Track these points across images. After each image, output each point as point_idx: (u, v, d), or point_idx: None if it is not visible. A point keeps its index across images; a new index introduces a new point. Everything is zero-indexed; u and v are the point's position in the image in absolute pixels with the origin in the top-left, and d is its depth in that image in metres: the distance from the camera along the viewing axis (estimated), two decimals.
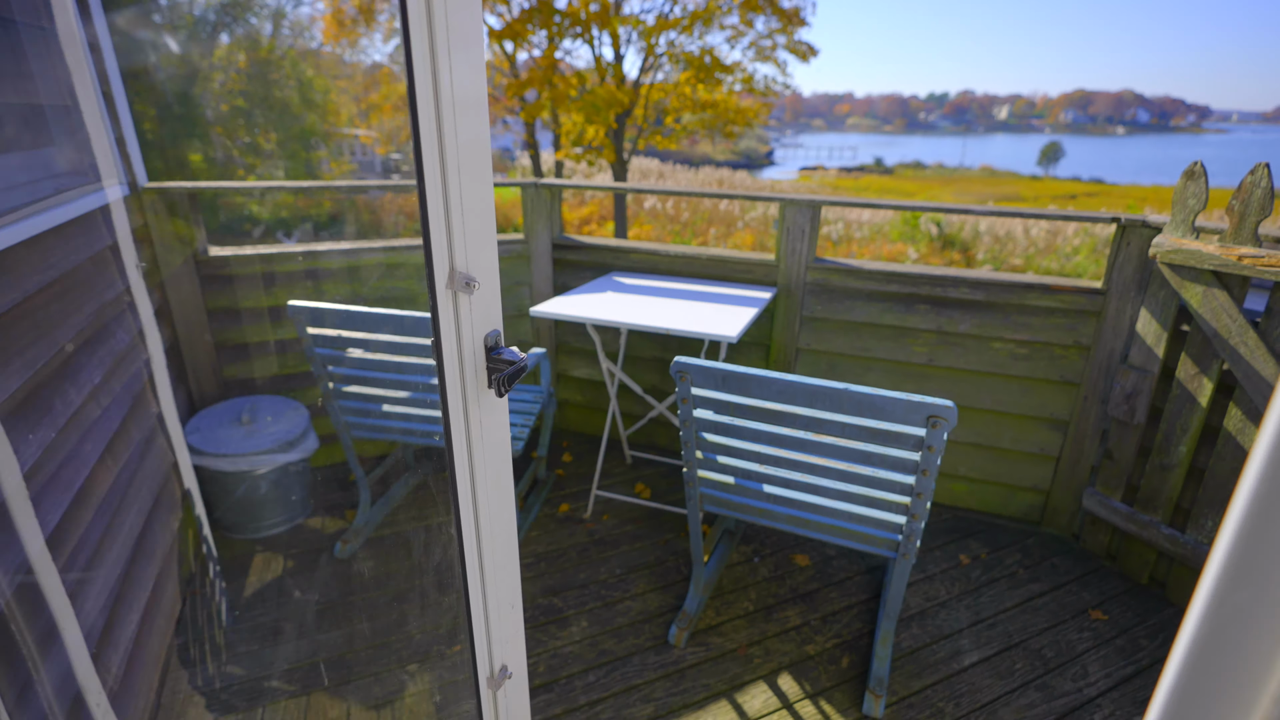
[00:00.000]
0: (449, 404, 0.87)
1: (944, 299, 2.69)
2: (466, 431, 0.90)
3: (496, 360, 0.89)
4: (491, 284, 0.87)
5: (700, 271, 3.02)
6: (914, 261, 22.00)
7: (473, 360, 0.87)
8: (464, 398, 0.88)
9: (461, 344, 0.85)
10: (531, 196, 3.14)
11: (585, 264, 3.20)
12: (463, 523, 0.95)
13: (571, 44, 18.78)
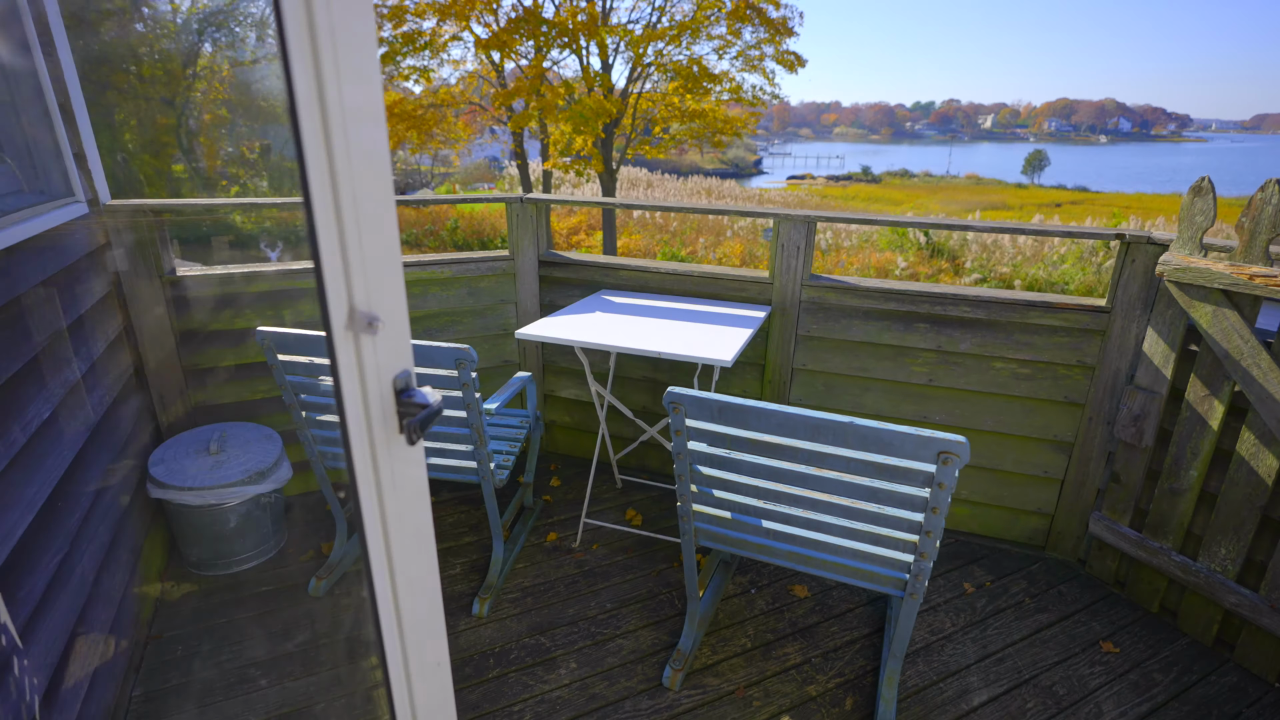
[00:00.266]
0: (354, 457, 0.75)
1: (944, 317, 2.61)
2: (377, 484, 0.79)
3: (408, 404, 0.79)
4: (398, 320, 0.77)
5: (692, 289, 2.92)
6: (903, 270, 22.06)
7: (380, 406, 0.76)
8: (372, 449, 0.77)
9: (366, 389, 0.74)
10: (517, 212, 3.03)
11: (573, 281, 3.10)
12: (376, 583, 0.83)
13: (559, 54, 18.74)
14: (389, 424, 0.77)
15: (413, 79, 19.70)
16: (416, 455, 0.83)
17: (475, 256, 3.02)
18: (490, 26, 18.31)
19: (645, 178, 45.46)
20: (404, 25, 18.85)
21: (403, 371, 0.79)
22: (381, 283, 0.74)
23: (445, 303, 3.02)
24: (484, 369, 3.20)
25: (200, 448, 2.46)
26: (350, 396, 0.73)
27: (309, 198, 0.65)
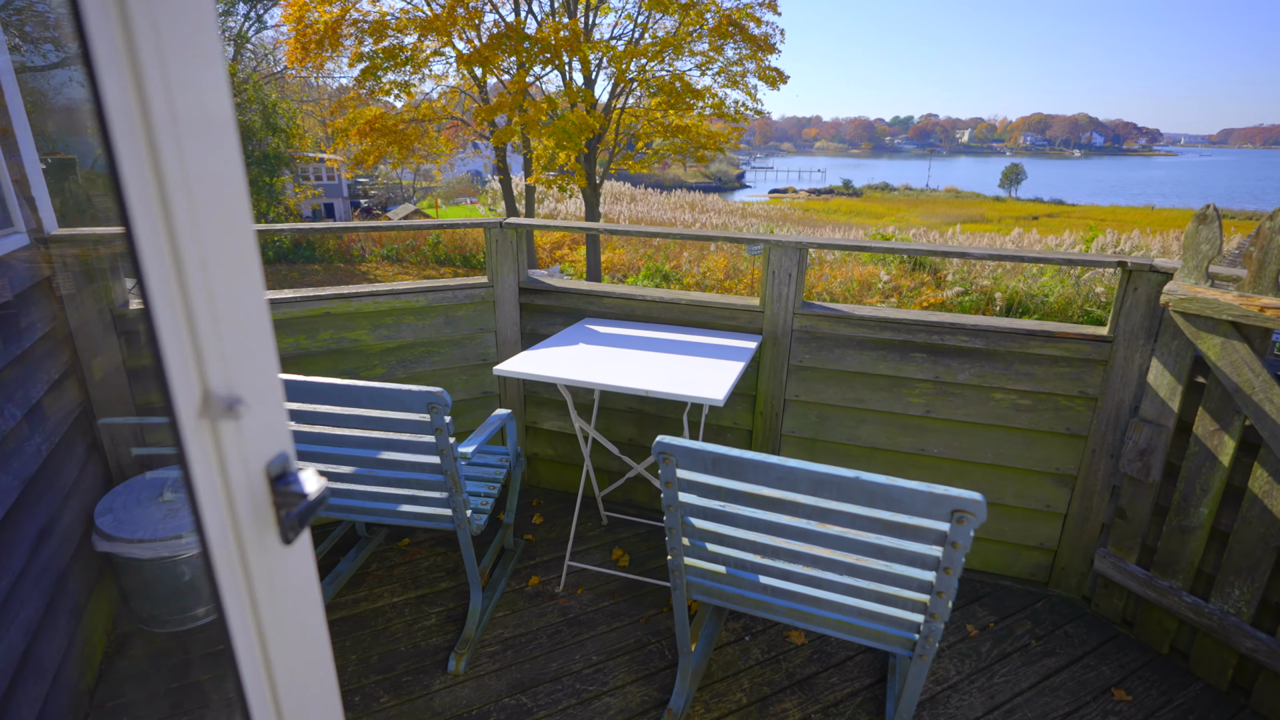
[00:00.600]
0: (216, 569, 0.61)
1: (941, 347, 2.51)
2: (250, 596, 0.64)
3: (285, 494, 0.64)
4: (269, 394, 0.63)
5: (680, 318, 2.81)
6: (886, 283, 22.17)
7: (250, 500, 0.61)
8: (241, 553, 0.62)
9: (230, 485, 0.60)
10: (496, 237, 2.90)
11: (556, 310, 2.97)
12: (250, 703, 0.68)
13: (542, 70, 18.72)
14: (262, 519, 0.63)
15: (394, 94, 19.57)
16: (300, 551, 0.69)
17: (452, 284, 2.89)
18: (472, 42, 18.25)
19: (629, 191, 45.58)
20: (385, 40, 18.75)
21: (278, 455, 0.64)
22: (245, 350, 0.59)
23: (421, 333, 2.88)
24: (463, 401, 3.05)
25: (153, 494, 2.28)
26: (208, 496, 0.58)
27: (134, 244, 0.50)
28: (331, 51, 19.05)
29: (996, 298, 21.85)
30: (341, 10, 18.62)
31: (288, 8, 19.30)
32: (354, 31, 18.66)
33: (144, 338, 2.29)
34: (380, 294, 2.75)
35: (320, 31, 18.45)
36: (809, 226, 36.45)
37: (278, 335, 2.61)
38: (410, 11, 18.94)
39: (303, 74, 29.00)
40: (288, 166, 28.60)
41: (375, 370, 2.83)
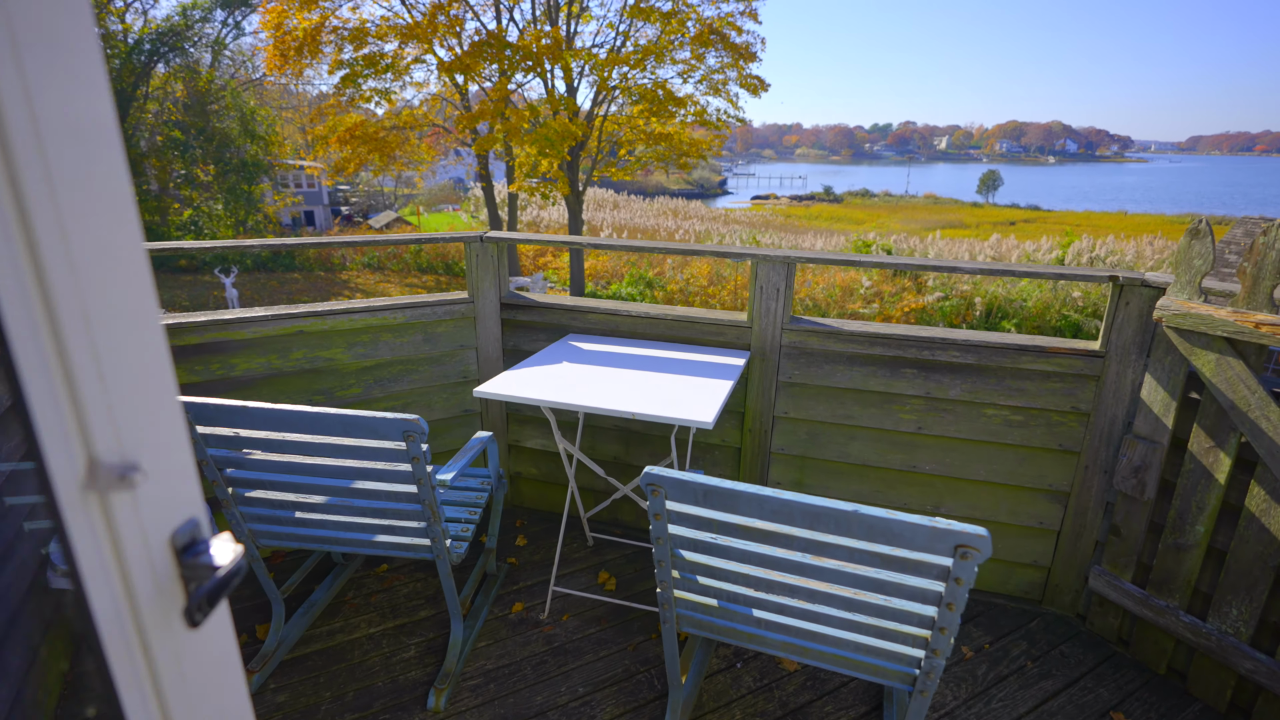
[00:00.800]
0: (109, 657, 0.52)
1: (932, 362, 2.47)
2: (154, 686, 0.55)
3: (194, 566, 0.55)
4: (174, 454, 0.54)
5: (665, 334, 2.74)
6: (866, 289, 22.32)
7: (150, 577, 0.53)
8: (140, 639, 0.53)
9: (126, 561, 0.51)
10: (477, 252, 2.82)
11: (538, 325, 2.89)
12: None
13: (524, 77, 18.65)
14: (167, 599, 0.54)
15: (375, 101, 19.39)
16: (215, 632, 0.60)
17: (431, 300, 2.79)
18: (453, 50, 18.15)
19: (612, 199, 45.60)
20: (365, 47, 18.59)
21: (186, 523, 0.55)
22: (141, 407, 0.51)
23: (398, 350, 2.78)
24: (443, 420, 2.95)
25: None
26: (99, 579, 0.50)
27: None
28: (311, 59, 18.86)
29: (976, 302, 22.10)
30: (321, 17, 18.44)
31: (266, 14, 19.08)
32: (334, 39, 18.48)
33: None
34: (356, 311, 2.65)
35: (299, 39, 18.26)
36: (791, 233, 36.69)
37: (248, 355, 2.51)
38: (391, 19, 18.80)
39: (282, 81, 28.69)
40: (267, 174, 28.22)
41: (351, 390, 2.72)
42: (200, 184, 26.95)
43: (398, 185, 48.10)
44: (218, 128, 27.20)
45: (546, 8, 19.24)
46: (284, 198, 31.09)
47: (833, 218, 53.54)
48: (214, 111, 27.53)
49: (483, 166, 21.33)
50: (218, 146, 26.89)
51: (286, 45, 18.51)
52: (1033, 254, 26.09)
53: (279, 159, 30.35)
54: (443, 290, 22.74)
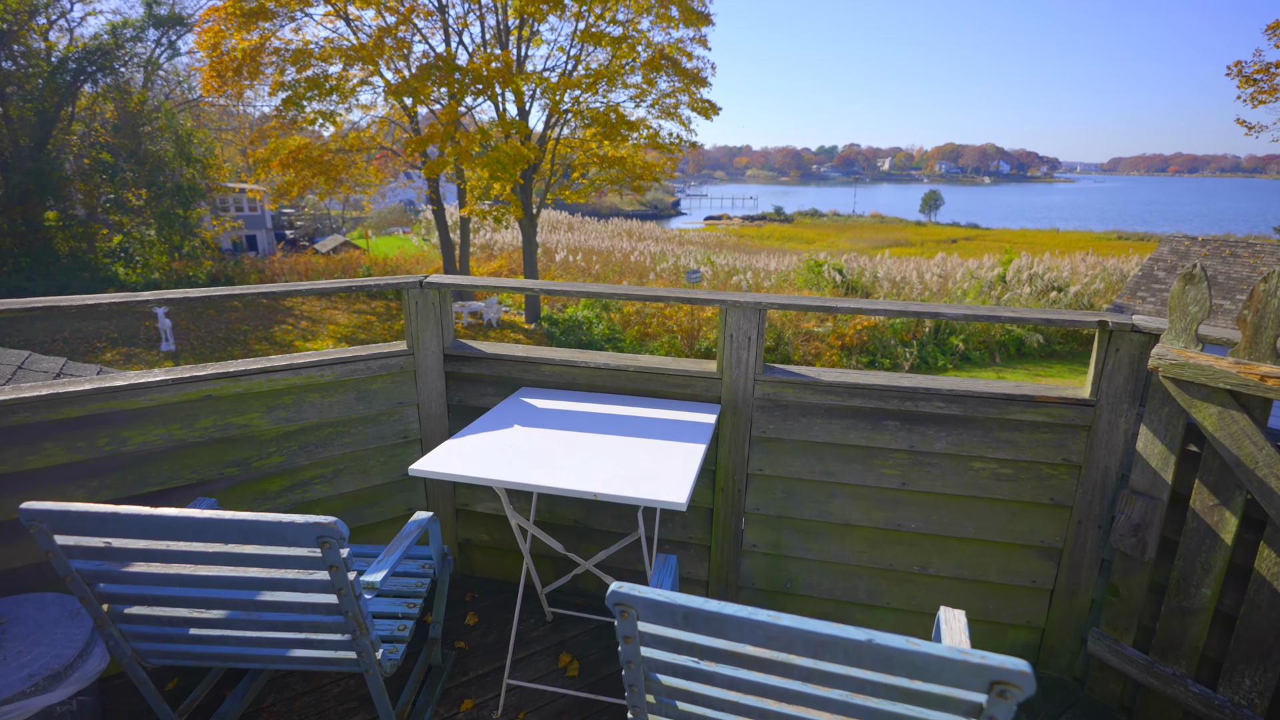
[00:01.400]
0: None
1: (915, 414, 2.30)
2: None
3: None
4: None
5: (628, 386, 2.50)
6: None
7: None
8: None
9: None
10: (416, 299, 2.53)
11: (487, 378, 2.61)
12: None
13: (474, 100, 18.38)
14: None
15: (319, 123, 18.81)
16: None
17: (364, 354, 2.49)
18: (400, 72, 17.77)
19: (566, 220, 45.46)
20: (309, 69, 18.05)
21: None
22: None
23: (327, 412, 2.46)
24: (381, 486, 2.64)
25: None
26: None
27: None
28: (251, 80, 18.21)
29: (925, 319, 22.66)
30: (261, 38, 17.84)
31: (202, 34, 18.37)
32: (275, 60, 17.89)
33: None
34: (276, 370, 2.33)
35: (238, 59, 17.60)
36: (745, 253, 37.13)
37: (144, 427, 2.15)
38: (336, 40, 18.34)
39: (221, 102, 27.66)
40: (204, 198, 27.05)
41: (271, 459, 2.39)
42: (131, 209, 25.62)
43: (345, 208, 46.88)
44: (151, 150, 25.99)
45: (497, 31, 19.08)
46: (223, 222, 29.85)
47: (784, 237, 54.61)
48: (147, 133, 26.32)
49: (433, 190, 20.88)
50: (150, 170, 25.67)
51: (224, 66, 17.84)
52: (976, 271, 27.00)
53: (217, 182, 29.18)
54: (394, 317, 21.97)
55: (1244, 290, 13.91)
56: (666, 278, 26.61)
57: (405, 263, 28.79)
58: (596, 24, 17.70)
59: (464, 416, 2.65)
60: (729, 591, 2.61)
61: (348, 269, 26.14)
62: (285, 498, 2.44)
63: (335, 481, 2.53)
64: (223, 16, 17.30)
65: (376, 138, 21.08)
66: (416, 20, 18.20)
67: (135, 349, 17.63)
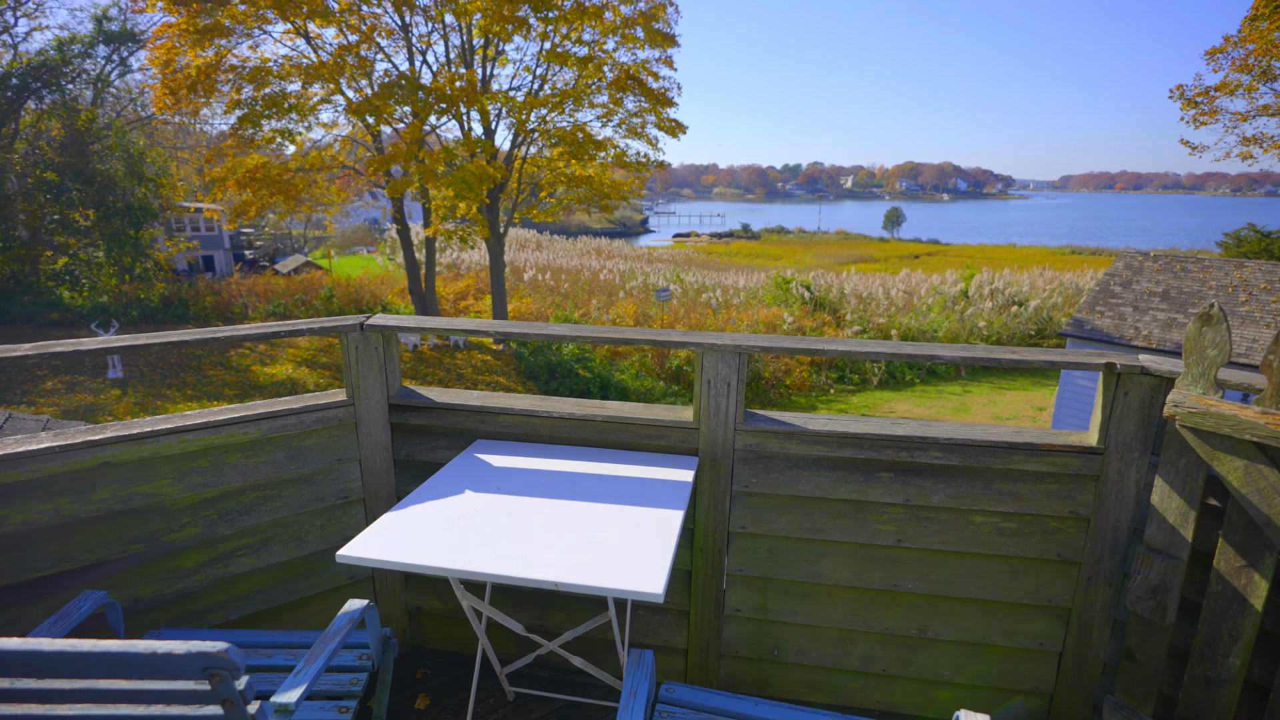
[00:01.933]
0: None
1: (911, 465, 2.10)
2: None
3: None
4: None
5: (595, 438, 2.25)
6: (790, 325, 22.70)
7: None
8: None
9: None
10: (356, 343, 2.26)
11: (437, 430, 2.34)
12: None
13: (438, 119, 18.10)
14: None
15: (278, 142, 18.31)
16: None
17: (296, 407, 2.20)
18: (362, 91, 17.41)
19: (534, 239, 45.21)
20: (267, 87, 17.57)
21: None
22: None
23: (253, 473, 2.16)
24: (318, 554, 2.33)
25: None
26: None
27: None
28: (206, 97, 17.65)
29: (892, 335, 22.94)
30: (216, 56, 17.33)
31: (154, 51, 17.79)
32: (232, 77, 17.37)
33: None
34: (189, 429, 2.03)
35: (192, 77, 17.04)
36: (714, 270, 37.29)
37: (26, 502, 1.83)
38: (295, 58, 17.92)
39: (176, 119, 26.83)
40: (157, 218, 26.08)
41: (185, 531, 2.08)
42: (78, 229, 24.55)
43: (307, 227, 45.87)
44: (100, 169, 25.00)
45: (461, 51, 18.87)
46: (177, 243, 28.85)
47: (752, 254, 55.17)
48: (96, 152, 25.34)
49: (398, 209, 20.45)
50: (100, 189, 24.67)
51: (177, 83, 17.26)
52: (940, 287, 27.50)
53: (171, 201, 28.24)
54: None
55: (1196, 304, 14.31)
56: (636, 295, 26.50)
57: (369, 283, 28.12)
58: (562, 44, 17.63)
59: (413, 472, 2.38)
60: (709, 660, 2.36)
61: (309, 290, 25.41)
62: (202, 574, 2.12)
63: (263, 552, 2.22)
64: (177, 33, 16.76)
65: (339, 156, 20.64)
66: (379, 39, 17.90)
67: (79, 376, 16.77)
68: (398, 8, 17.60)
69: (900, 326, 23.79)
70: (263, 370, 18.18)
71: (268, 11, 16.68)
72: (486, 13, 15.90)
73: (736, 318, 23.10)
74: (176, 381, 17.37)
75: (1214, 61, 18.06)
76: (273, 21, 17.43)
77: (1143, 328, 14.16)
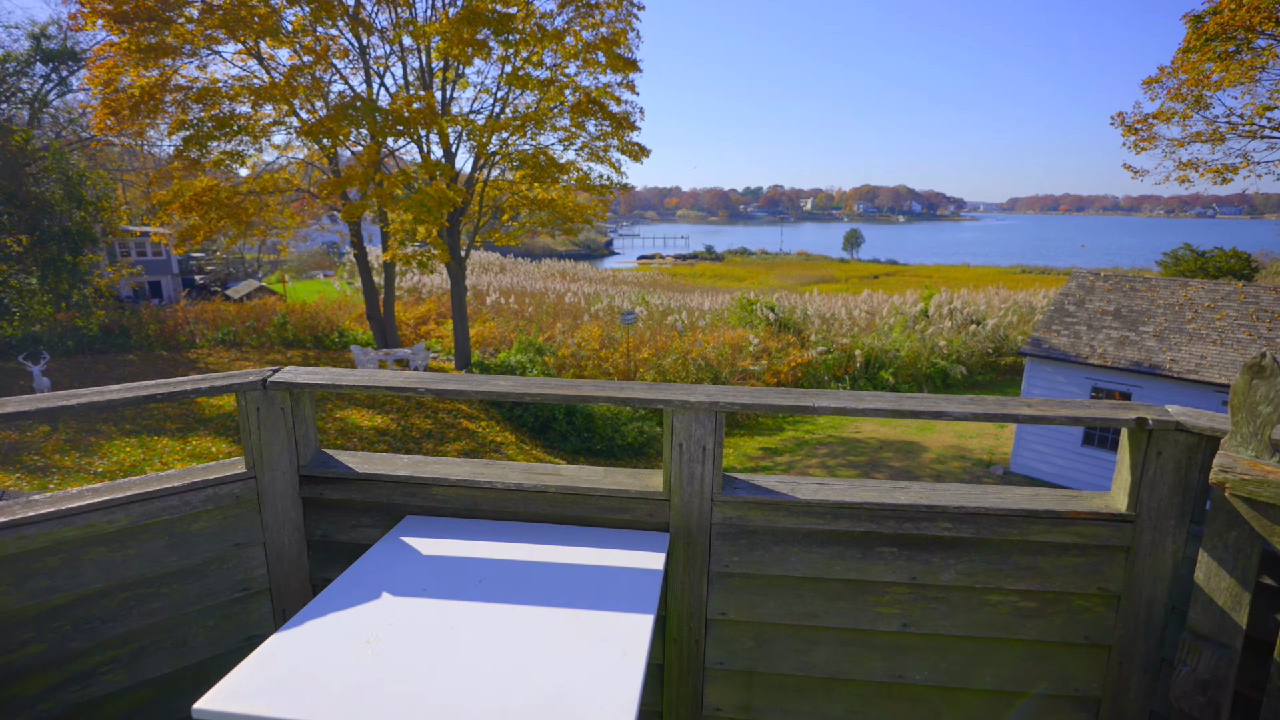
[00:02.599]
0: None
1: (917, 538, 1.81)
2: None
3: None
4: None
5: (548, 512, 1.91)
6: (756, 346, 22.63)
7: None
8: None
9: None
10: (257, 404, 1.87)
11: (359, 505, 1.96)
12: None
13: (395, 142, 17.68)
14: None
15: (227, 164, 17.64)
16: None
17: (178, 485, 1.80)
18: (314, 113, 16.89)
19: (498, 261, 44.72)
20: (216, 108, 16.93)
21: None
22: None
23: (121, 570, 1.75)
24: (210, 660, 1.92)
25: None
26: None
27: None
28: (150, 118, 16.91)
29: (856, 355, 23.07)
30: (161, 76, 16.64)
31: (94, 70, 17.01)
32: (179, 97, 16.68)
33: None
34: (31, 522, 1.61)
35: (135, 97, 16.30)
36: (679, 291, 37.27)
37: None
38: (245, 79, 17.32)
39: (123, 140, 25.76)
40: (97, 243, 24.85)
41: (28, 649, 1.65)
42: (10, 255, 23.19)
43: (262, 251, 44.45)
44: (34, 192, 23.74)
45: (420, 73, 18.53)
46: (119, 269, 27.55)
47: (716, 275, 55.56)
48: (31, 174, 24.08)
49: (355, 233, 19.82)
50: (34, 213, 23.39)
51: (119, 103, 16.49)
52: (900, 307, 27.90)
53: (114, 225, 27.06)
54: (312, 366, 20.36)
55: (1146, 322, 14.67)
56: (601, 318, 26.22)
57: (325, 309, 27.20)
58: (524, 67, 17.44)
59: (331, 556, 1.99)
60: None
61: (261, 316, 24.38)
62: (52, 700, 1.69)
63: (136, 665, 1.80)
64: (120, 52, 16.04)
65: (293, 179, 20.00)
66: (335, 60, 17.45)
67: None
68: (354, 29, 17.22)
69: (864, 347, 23.98)
70: (208, 402, 17.21)
71: (217, 31, 16.13)
72: (446, 35, 15.61)
73: (702, 339, 22.98)
74: (114, 415, 16.33)
75: (1150, 90, 18.84)
76: (223, 41, 16.86)
77: (1097, 345, 14.45)
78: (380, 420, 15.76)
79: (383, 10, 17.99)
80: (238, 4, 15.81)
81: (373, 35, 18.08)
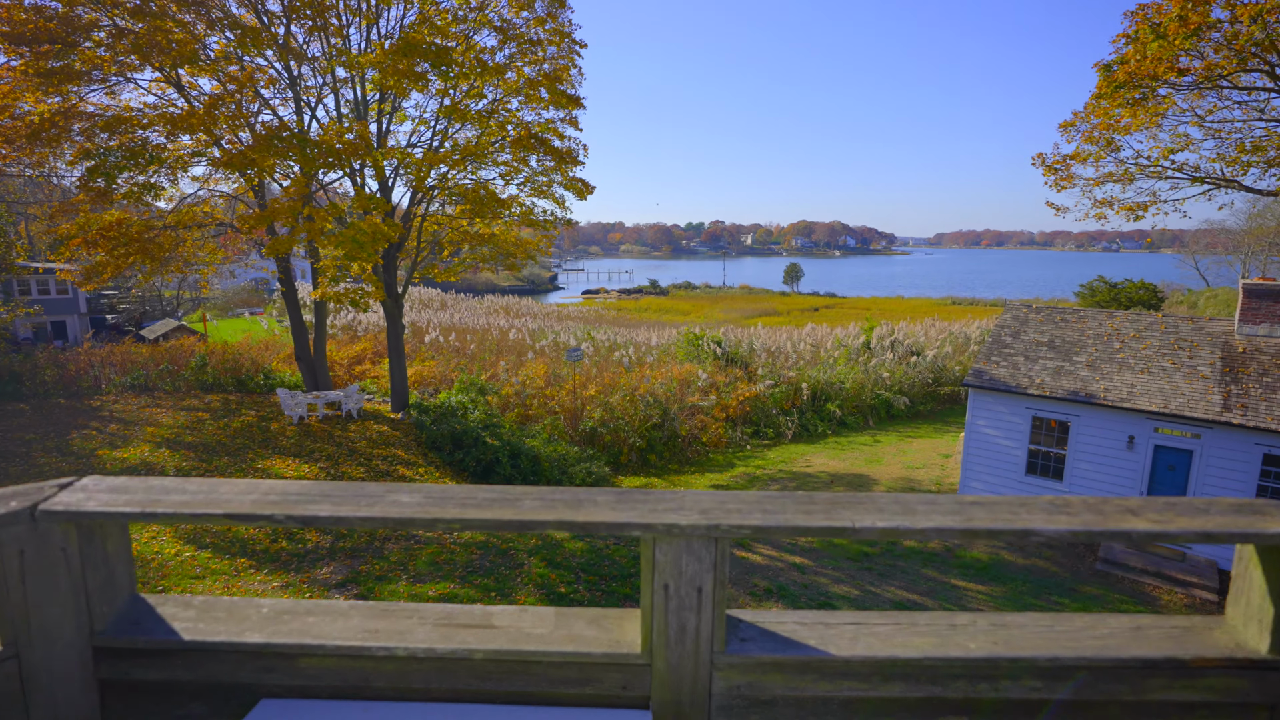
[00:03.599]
0: None
1: (994, 703, 1.30)
2: None
3: None
4: None
5: (474, 688, 1.31)
6: (704, 381, 22.33)
7: None
8: None
9: None
10: (22, 547, 1.22)
11: (189, 686, 1.32)
12: None
13: (326, 175, 16.78)
14: None
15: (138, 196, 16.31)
16: None
17: None
18: (235, 144, 15.87)
19: (438, 298, 43.48)
20: (128, 137, 15.69)
21: None
22: None
23: None
24: None
25: None
26: None
27: None
28: (50, 147, 15.54)
29: (803, 388, 23.08)
30: (64, 103, 15.35)
31: None
32: (86, 125, 15.39)
33: None
34: None
35: (34, 124, 14.93)
36: (625, 326, 36.93)
37: None
38: (161, 107, 16.18)
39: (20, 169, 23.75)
40: None
41: None
42: None
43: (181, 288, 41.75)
44: None
45: (355, 105, 17.78)
46: (13, 309, 25.20)
47: (661, 309, 55.68)
48: None
49: (283, 270, 18.61)
50: None
51: (15, 131, 15.07)
52: (843, 339, 28.30)
53: (10, 261, 24.90)
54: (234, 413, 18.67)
55: (1079, 352, 15.08)
56: (546, 355, 25.51)
57: (251, 349, 25.46)
58: (464, 101, 16.95)
59: None
60: None
61: (177, 359, 22.51)
62: None
63: None
64: (18, 76, 14.70)
65: (215, 213, 18.74)
66: (262, 90, 16.53)
67: None
68: (283, 58, 16.39)
69: (810, 380, 24.06)
70: (111, 454, 15.51)
71: (130, 58, 15.04)
72: (381, 66, 14.99)
73: (650, 375, 22.55)
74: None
75: (1067, 134, 19.89)
76: (138, 68, 15.74)
77: (1035, 376, 14.75)
78: (307, 470, 14.50)
79: (315, 40, 17.27)
80: (153, 30, 14.78)
81: (304, 65, 17.29)
